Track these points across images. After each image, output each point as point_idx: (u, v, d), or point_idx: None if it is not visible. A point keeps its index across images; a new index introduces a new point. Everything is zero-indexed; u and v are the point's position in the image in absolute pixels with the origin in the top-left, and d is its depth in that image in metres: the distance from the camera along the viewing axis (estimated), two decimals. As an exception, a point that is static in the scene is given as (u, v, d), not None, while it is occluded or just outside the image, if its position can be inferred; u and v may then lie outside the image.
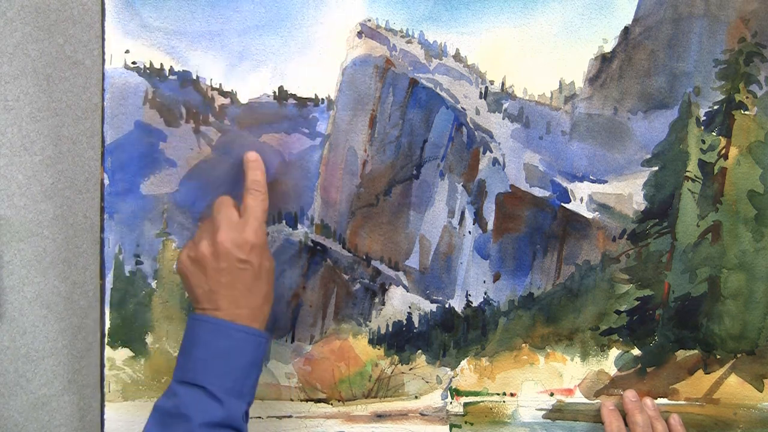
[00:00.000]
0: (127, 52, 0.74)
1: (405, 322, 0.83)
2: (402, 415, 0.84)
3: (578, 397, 0.85)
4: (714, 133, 0.81)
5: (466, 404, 0.85)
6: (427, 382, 0.84)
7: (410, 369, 0.84)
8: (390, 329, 0.83)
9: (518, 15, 0.78)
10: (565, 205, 0.82)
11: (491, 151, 0.80)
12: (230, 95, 0.76)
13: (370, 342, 0.83)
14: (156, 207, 0.77)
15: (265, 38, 0.76)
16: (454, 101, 0.79)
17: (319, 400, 0.83)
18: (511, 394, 0.85)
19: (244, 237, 0.69)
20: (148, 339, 0.80)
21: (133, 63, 0.75)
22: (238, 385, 0.68)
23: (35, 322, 0.88)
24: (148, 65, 0.75)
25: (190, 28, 0.75)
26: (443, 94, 0.79)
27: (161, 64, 0.75)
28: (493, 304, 0.83)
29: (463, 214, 0.81)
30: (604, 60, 0.79)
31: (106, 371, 0.80)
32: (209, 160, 0.77)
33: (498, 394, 0.85)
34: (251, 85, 0.76)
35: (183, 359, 0.69)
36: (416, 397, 0.84)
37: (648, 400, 0.84)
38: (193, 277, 0.70)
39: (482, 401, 0.85)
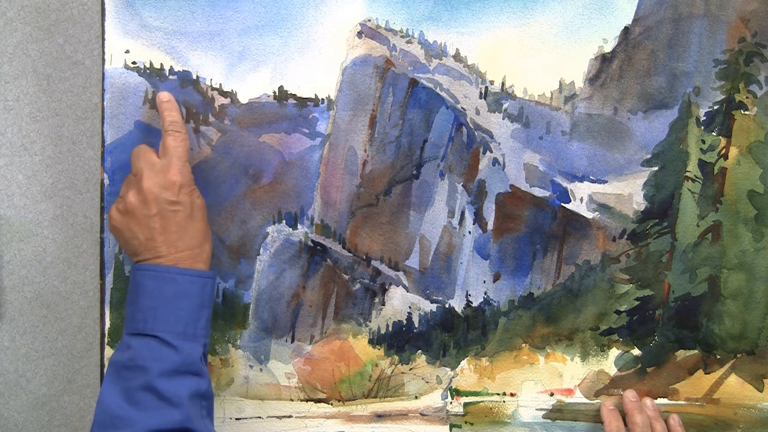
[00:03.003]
0: (127, 52, 0.74)
1: (405, 322, 0.83)
2: (402, 415, 0.84)
3: (578, 397, 0.85)
4: (714, 133, 0.81)
5: (466, 404, 0.85)
6: (427, 382, 0.84)
7: (410, 369, 0.84)
8: (390, 329, 0.83)
9: (518, 15, 0.78)
10: (565, 205, 0.82)
11: (491, 151, 0.80)
12: (230, 95, 0.76)
13: (370, 342, 0.83)
14: (156, 207, 0.77)
15: (265, 38, 0.76)
16: (454, 101, 0.79)
17: (319, 400, 0.83)
18: (511, 394, 0.85)
19: (169, 178, 0.68)
20: (148, 339, 0.80)
21: (133, 63, 0.75)
22: (190, 329, 0.67)
23: (35, 322, 0.88)
24: (148, 65, 0.75)
25: (190, 28, 0.75)
26: (443, 94, 0.79)
27: (161, 64, 0.75)
28: (493, 304, 0.83)
29: (463, 214, 0.81)
30: (604, 60, 0.79)
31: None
32: (209, 160, 0.77)
33: (498, 394, 0.85)
34: (251, 85, 0.76)
35: (131, 311, 0.68)
36: (416, 397, 0.84)
37: (648, 401, 0.84)
38: (127, 230, 0.69)
39: (482, 401, 0.85)
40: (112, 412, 0.65)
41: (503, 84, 0.79)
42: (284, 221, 0.80)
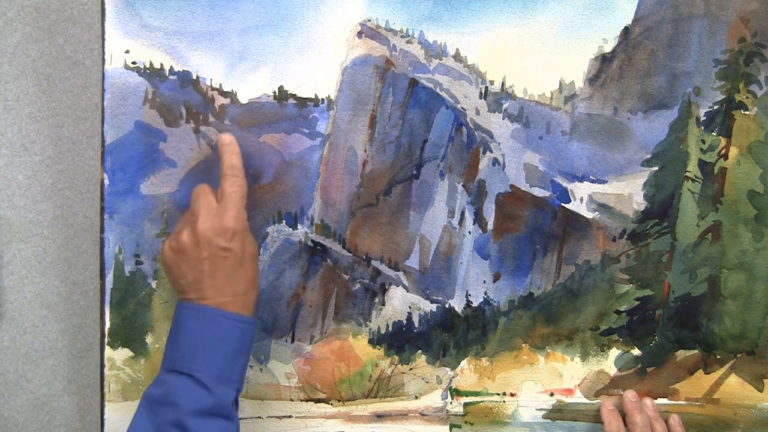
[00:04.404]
0: (127, 52, 0.74)
1: (405, 322, 0.83)
2: (402, 415, 0.84)
3: (578, 397, 0.85)
4: (714, 133, 0.81)
5: (466, 404, 0.85)
6: (427, 382, 0.84)
7: (410, 369, 0.84)
8: (390, 329, 0.83)
9: (518, 15, 0.78)
10: (565, 205, 0.82)
11: (491, 151, 0.80)
12: (230, 95, 0.76)
13: (370, 342, 0.83)
14: (156, 207, 0.78)
15: (265, 38, 0.76)
16: (454, 101, 0.79)
17: (319, 400, 0.83)
18: (511, 394, 0.85)
19: (224, 224, 0.69)
20: (148, 339, 0.80)
21: (133, 63, 0.75)
22: (226, 372, 0.68)
23: (35, 322, 0.88)
24: (148, 65, 0.75)
25: (190, 28, 0.75)
26: (443, 94, 0.79)
27: (161, 64, 0.75)
28: (493, 304, 0.83)
29: (463, 214, 0.81)
30: (604, 60, 0.79)
31: (106, 371, 0.80)
32: (209, 160, 0.77)
33: (498, 394, 0.85)
34: (251, 85, 0.76)
35: (171, 348, 0.69)
36: (416, 397, 0.84)
37: (648, 401, 0.84)
38: (176, 268, 0.70)
39: (482, 401, 0.85)
40: None
41: (503, 84, 0.79)
42: (284, 221, 0.80)
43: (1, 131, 0.83)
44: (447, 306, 0.83)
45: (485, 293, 0.83)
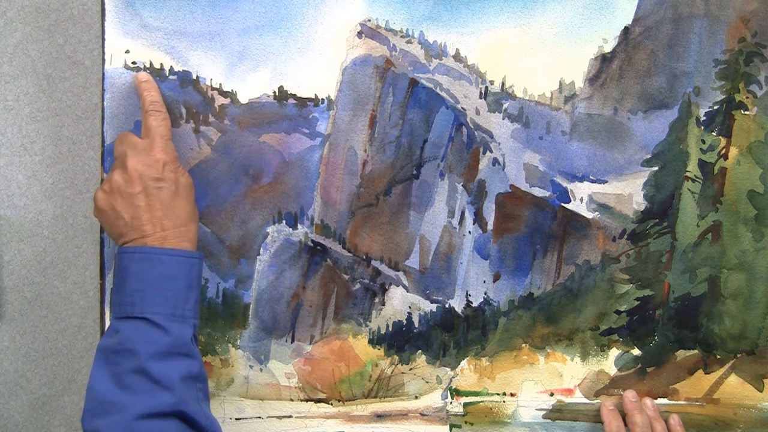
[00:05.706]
0: (127, 52, 0.74)
1: (405, 322, 0.83)
2: (402, 415, 0.84)
3: (578, 397, 0.85)
4: (714, 133, 0.81)
5: (466, 404, 0.85)
6: (427, 382, 0.84)
7: (410, 369, 0.84)
8: (390, 329, 0.83)
9: (518, 15, 0.78)
10: (565, 205, 0.82)
11: (491, 151, 0.80)
12: (230, 95, 0.76)
13: (370, 342, 0.83)
14: (156, 207, 0.77)
15: (265, 38, 0.76)
16: (454, 101, 0.79)
17: (319, 400, 0.83)
18: (511, 394, 0.85)
19: (153, 156, 0.68)
20: (148, 339, 0.80)
21: (133, 63, 0.75)
22: (179, 310, 0.67)
23: (35, 322, 0.88)
24: (148, 65, 0.75)
25: (190, 28, 0.75)
26: (443, 94, 0.79)
27: (161, 64, 0.75)
28: (493, 304, 0.83)
29: (463, 214, 0.81)
30: (604, 60, 0.79)
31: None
32: (209, 160, 0.77)
33: (498, 394, 0.85)
34: (251, 85, 0.76)
35: (118, 295, 0.67)
36: (416, 397, 0.84)
37: (648, 401, 0.84)
38: (111, 211, 0.68)
39: (482, 401, 0.85)
40: (103, 398, 0.63)
41: (503, 84, 0.79)
42: (284, 221, 0.80)
43: (1, 131, 0.83)
44: (447, 306, 0.83)
45: (485, 293, 0.83)
